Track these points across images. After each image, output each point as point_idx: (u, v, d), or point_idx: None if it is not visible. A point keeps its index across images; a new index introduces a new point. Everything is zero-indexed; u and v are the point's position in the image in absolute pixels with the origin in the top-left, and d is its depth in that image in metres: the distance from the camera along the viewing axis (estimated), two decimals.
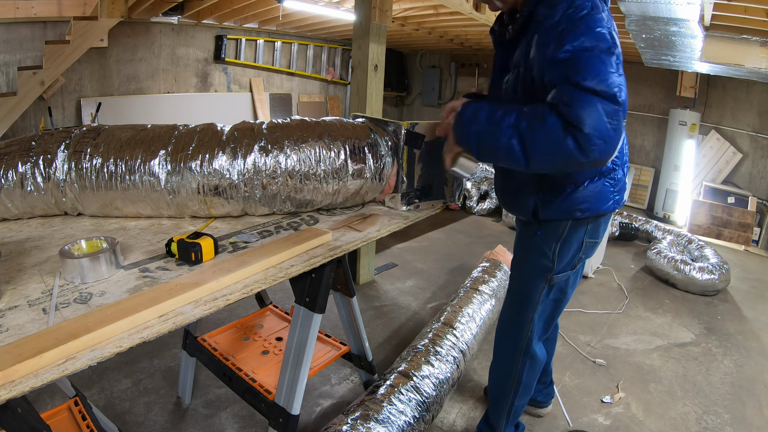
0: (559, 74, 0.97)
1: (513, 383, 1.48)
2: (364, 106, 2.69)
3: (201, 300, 0.89)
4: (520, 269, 1.43)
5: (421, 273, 3.31)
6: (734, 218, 4.48)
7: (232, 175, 1.22)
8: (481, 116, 1.06)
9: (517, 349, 1.44)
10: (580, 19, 0.98)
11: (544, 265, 1.32)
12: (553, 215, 1.25)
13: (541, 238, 1.31)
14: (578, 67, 0.94)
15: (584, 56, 0.95)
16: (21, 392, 0.64)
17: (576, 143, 0.92)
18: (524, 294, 1.39)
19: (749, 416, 1.99)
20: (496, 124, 1.02)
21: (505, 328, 1.50)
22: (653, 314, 2.90)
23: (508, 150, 1.01)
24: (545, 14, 1.04)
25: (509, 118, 1.01)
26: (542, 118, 0.96)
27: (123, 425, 1.70)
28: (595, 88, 0.91)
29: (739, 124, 4.83)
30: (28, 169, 1.17)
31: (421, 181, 1.46)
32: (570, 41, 0.97)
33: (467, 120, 1.09)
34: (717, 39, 3.25)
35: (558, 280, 1.34)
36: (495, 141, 1.03)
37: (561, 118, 0.93)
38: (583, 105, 0.91)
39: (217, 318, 2.37)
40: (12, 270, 0.96)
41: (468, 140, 1.10)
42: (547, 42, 1.01)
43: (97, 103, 4.24)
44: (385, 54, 2.73)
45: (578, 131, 0.91)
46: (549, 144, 0.96)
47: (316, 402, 1.92)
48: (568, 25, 0.98)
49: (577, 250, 1.31)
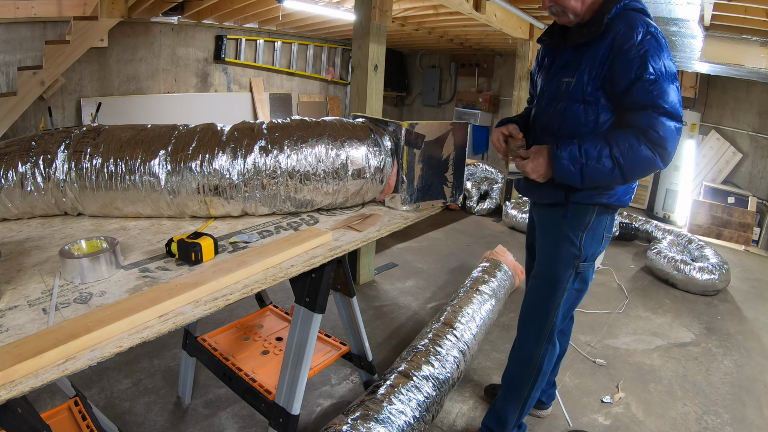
0: (646, 95, 1.18)
1: (534, 370, 1.52)
2: (364, 106, 2.69)
3: (201, 300, 0.89)
4: (549, 257, 1.49)
5: (421, 273, 3.31)
6: (734, 218, 4.48)
7: (232, 175, 1.22)
8: (578, 156, 1.24)
9: (541, 335, 1.50)
10: (659, 46, 1.19)
11: (572, 252, 1.42)
12: (584, 198, 1.37)
13: (569, 226, 1.41)
14: (662, 93, 1.18)
15: (665, 84, 1.18)
16: (21, 392, 0.64)
17: (661, 159, 1.20)
18: (553, 280, 1.46)
19: (749, 416, 1.99)
20: (596, 159, 1.23)
21: (532, 314, 1.53)
22: (653, 314, 2.90)
23: (610, 177, 1.24)
24: (625, 32, 1.20)
25: (605, 151, 1.22)
26: (635, 147, 1.19)
27: (123, 425, 1.70)
28: (672, 113, 1.18)
29: (739, 124, 4.83)
30: (28, 169, 1.17)
31: (421, 181, 1.46)
32: (653, 63, 1.18)
33: (568, 164, 1.26)
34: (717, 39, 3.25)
35: (584, 269, 1.45)
36: (599, 173, 1.24)
37: (650, 142, 1.18)
38: (667, 131, 1.18)
39: (217, 318, 2.37)
40: (12, 270, 0.96)
41: (573, 179, 1.27)
42: (631, 59, 1.19)
43: (97, 103, 4.24)
44: (385, 54, 2.73)
45: (663, 150, 1.19)
46: (642, 164, 1.21)
47: (316, 402, 1.92)
48: (651, 49, 1.18)
49: (599, 241, 1.44)
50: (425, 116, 7.58)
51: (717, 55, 3.31)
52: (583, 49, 1.30)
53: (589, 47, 1.29)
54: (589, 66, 1.27)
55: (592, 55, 1.27)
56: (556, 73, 1.38)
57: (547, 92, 1.42)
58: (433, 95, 7.39)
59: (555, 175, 1.29)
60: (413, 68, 7.73)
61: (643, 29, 1.20)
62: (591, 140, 1.25)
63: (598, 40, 1.26)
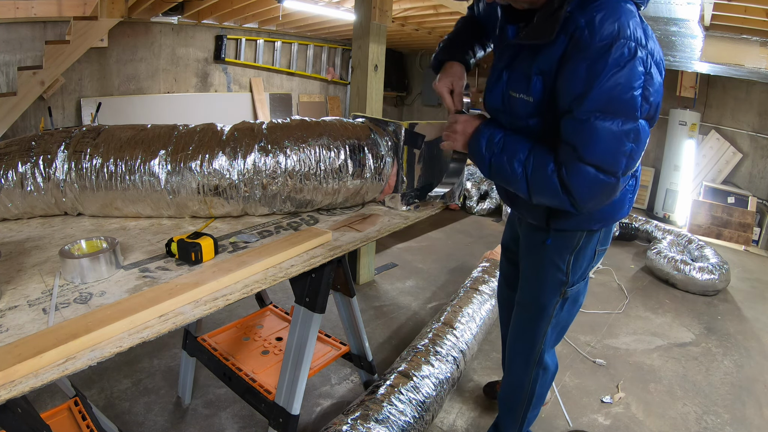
0: (570, 133, 0.95)
1: (526, 395, 1.44)
2: (364, 106, 2.69)
3: (201, 300, 0.89)
4: (531, 283, 1.33)
5: (421, 273, 3.31)
6: (734, 218, 4.48)
7: (232, 175, 1.22)
8: (495, 143, 1.07)
9: (529, 362, 1.40)
10: (617, 69, 0.87)
11: (557, 279, 1.26)
12: (567, 226, 1.19)
13: (554, 250, 1.24)
14: (587, 140, 0.92)
15: (599, 126, 0.90)
16: (21, 392, 0.64)
17: (570, 203, 1.00)
18: (537, 308, 1.32)
19: (749, 416, 1.99)
20: (508, 158, 1.04)
21: (517, 342, 1.43)
22: (653, 314, 2.90)
23: (515, 185, 1.06)
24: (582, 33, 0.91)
25: (521, 154, 1.03)
26: (546, 171, 0.99)
27: (123, 425, 1.70)
28: (597, 164, 0.93)
29: (739, 124, 4.83)
30: (28, 169, 1.17)
31: (421, 181, 1.46)
32: (596, 94, 0.89)
33: (483, 146, 1.09)
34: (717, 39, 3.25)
35: (572, 293, 1.30)
36: (505, 173, 1.06)
37: (559, 178, 0.98)
38: (580, 178, 0.95)
39: (217, 318, 2.37)
40: (12, 270, 0.96)
41: (480, 163, 1.11)
42: (575, 76, 0.91)
43: (97, 103, 4.24)
44: (385, 54, 2.73)
45: (570, 197, 0.98)
46: (549, 194, 1.02)
47: (316, 402, 1.92)
48: (605, 68, 0.88)
49: (590, 260, 1.27)
50: (425, 116, 7.58)
51: (717, 55, 3.31)
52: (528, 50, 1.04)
53: (540, 49, 1.01)
54: (543, 76, 1.00)
55: (545, 61, 0.99)
56: (498, 77, 1.12)
57: (488, 106, 1.19)
58: (433, 95, 7.37)
59: (469, 150, 1.13)
60: (413, 68, 7.72)
61: (611, 33, 0.87)
62: (520, 137, 1.05)
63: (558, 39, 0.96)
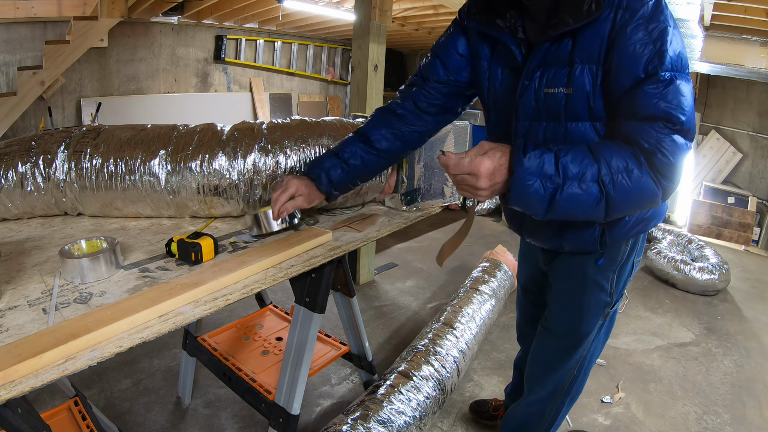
0: (657, 102, 0.79)
1: (545, 423, 1.33)
2: (364, 106, 2.69)
3: (201, 300, 0.89)
4: (570, 309, 1.17)
5: (421, 273, 3.31)
6: (734, 218, 4.48)
7: (232, 175, 1.22)
8: (552, 171, 0.79)
9: (557, 392, 1.27)
10: (674, 22, 0.81)
11: (602, 301, 1.12)
12: (620, 237, 1.04)
13: (599, 270, 1.09)
14: (680, 101, 0.78)
15: (683, 83, 0.80)
16: (21, 392, 0.64)
17: (663, 193, 0.82)
18: (578, 335, 1.17)
19: (749, 416, 1.99)
20: (578, 181, 0.79)
21: (547, 373, 1.26)
22: (653, 314, 2.90)
23: (589, 212, 0.81)
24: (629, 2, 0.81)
25: (590, 170, 0.78)
26: (633, 170, 0.79)
27: (123, 425, 1.70)
28: (690, 128, 0.79)
29: (739, 124, 4.83)
30: (28, 169, 1.17)
31: (421, 181, 1.46)
32: (671, 52, 0.80)
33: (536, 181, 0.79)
34: (717, 39, 3.25)
35: (612, 312, 1.17)
36: (576, 205, 0.80)
37: (653, 169, 0.79)
38: (679, 156, 0.79)
39: (217, 318, 2.37)
40: (12, 270, 0.96)
41: (534, 204, 0.82)
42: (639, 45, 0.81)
43: (97, 103, 4.24)
44: (385, 54, 2.74)
45: (670, 184, 0.81)
46: (639, 199, 0.82)
47: (316, 402, 1.92)
48: (668, 26, 0.80)
49: (630, 273, 1.14)
50: None
51: (717, 55, 3.31)
52: (568, 37, 0.88)
53: (578, 33, 0.86)
54: (589, 64, 0.86)
55: (588, 46, 0.85)
56: (529, 78, 0.94)
57: (522, 114, 0.98)
58: None
59: (511, 195, 0.82)
60: (413, 68, 7.72)
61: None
62: (575, 150, 0.81)
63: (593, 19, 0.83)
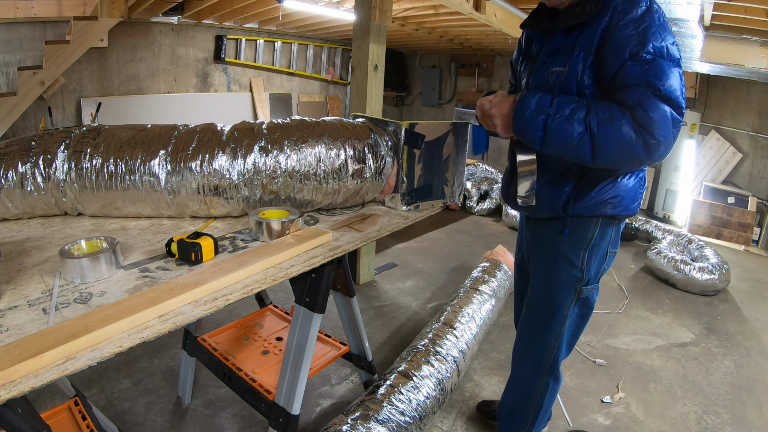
0: (639, 73, 1.00)
1: (532, 407, 1.39)
2: (364, 106, 2.69)
3: (201, 300, 0.89)
4: (545, 281, 1.31)
5: (421, 273, 3.31)
6: (734, 218, 4.48)
7: (232, 175, 1.22)
8: (546, 106, 1.05)
9: (540, 370, 1.35)
10: (662, 25, 1.02)
11: (572, 275, 1.25)
12: (583, 210, 1.21)
13: (568, 244, 1.24)
14: (659, 73, 0.99)
15: (665, 64, 1.00)
16: (21, 392, 0.64)
17: (645, 147, 1.00)
18: (551, 308, 1.30)
19: (749, 416, 1.99)
20: (566, 117, 1.03)
21: (528, 348, 1.37)
22: (653, 314, 2.90)
23: (578, 145, 1.03)
24: (623, 8, 1.05)
25: (579, 113, 1.02)
26: (615, 119, 1.00)
27: (123, 425, 1.70)
28: (671, 97, 0.98)
29: (739, 124, 4.83)
30: (28, 169, 1.17)
31: (421, 181, 1.46)
32: (654, 41, 1.00)
33: (532, 110, 1.07)
34: (717, 39, 3.25)
35: (587, 293, 1.28)
36: (564, 135, 1.04)
37: (635, 122, 0.98)
38: (659, 114, 0.98)
39: (217, 318, 2.37)
40: (12, 270, 0.96)
41: (533, 131, 1.07)
42: (627, 37, 1.02)
43: (97, 103, 4.24)
44: (385, 54, 2.73)
45: (650, 136, 0.98)
46: (619, 145, 1.00)
47: (316, 402, 1.92)
48: (653, 24, 1.01)
49: (603, 260, 1.27)
50: (425, 116, 7.58)
51: (717, 55, 3.31)
52: (576, 33, 1.13)
53: (583, 30, 1.12)
54: (584, 52, 1.10)
55: (586, 39, 1.10)
56: (544, 62, 1.20)
57: (533, 84, 1.24)
58: (433, 95, 7.38)
59: (514, 124, 1.10)
60: (413, 68, 7.72)
61: (645, 4, 1.04)
62: (570, 98, 1.08)
63: (593, 20, 1.09)
